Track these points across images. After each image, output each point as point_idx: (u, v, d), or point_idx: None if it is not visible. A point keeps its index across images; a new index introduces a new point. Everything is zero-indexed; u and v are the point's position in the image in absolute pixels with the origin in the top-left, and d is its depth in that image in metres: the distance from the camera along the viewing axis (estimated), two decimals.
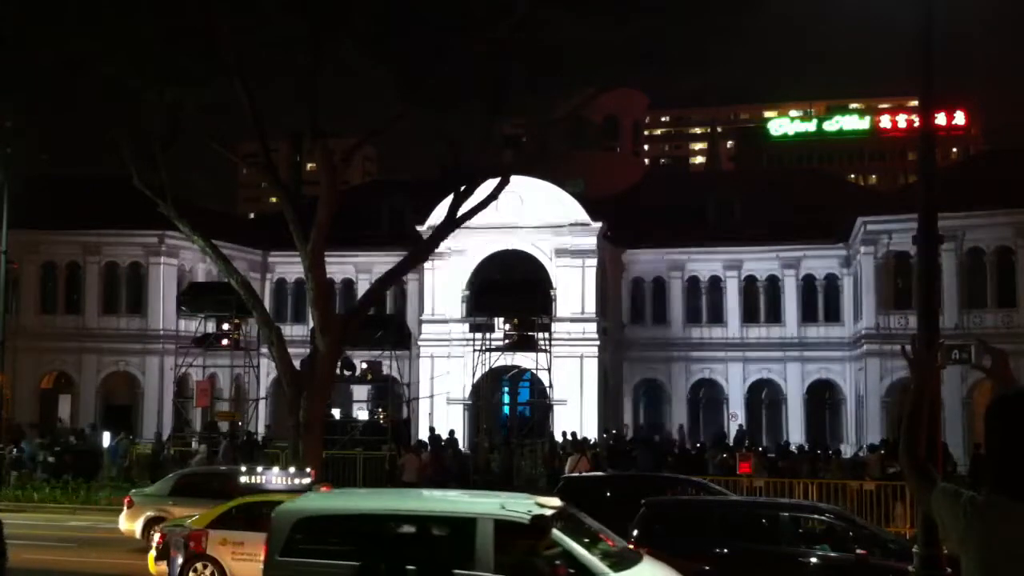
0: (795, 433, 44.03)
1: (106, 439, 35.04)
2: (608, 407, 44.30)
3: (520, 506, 11.21)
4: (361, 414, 42.47)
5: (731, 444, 37.22)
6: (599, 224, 43.67)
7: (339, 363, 29.05)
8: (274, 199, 73.50)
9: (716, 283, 47.03)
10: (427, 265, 42.27)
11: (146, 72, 24.05)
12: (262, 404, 44.39)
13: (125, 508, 21.02)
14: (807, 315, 46.05)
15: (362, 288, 43.67)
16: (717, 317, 47.21)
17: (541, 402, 42.72)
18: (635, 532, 14.31)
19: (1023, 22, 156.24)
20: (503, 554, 10.68)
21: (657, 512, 15.40)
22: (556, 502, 12.00)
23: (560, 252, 43.64)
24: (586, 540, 11.33)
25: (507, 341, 39.88)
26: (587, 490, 19.93)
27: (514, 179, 33.44)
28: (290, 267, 44.26)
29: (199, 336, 41.24)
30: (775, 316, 46.48)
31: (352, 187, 60.54)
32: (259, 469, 18.14)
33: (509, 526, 10.84)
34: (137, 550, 19.00)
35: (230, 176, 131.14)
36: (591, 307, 43.42)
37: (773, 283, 46.49)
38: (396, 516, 11.81)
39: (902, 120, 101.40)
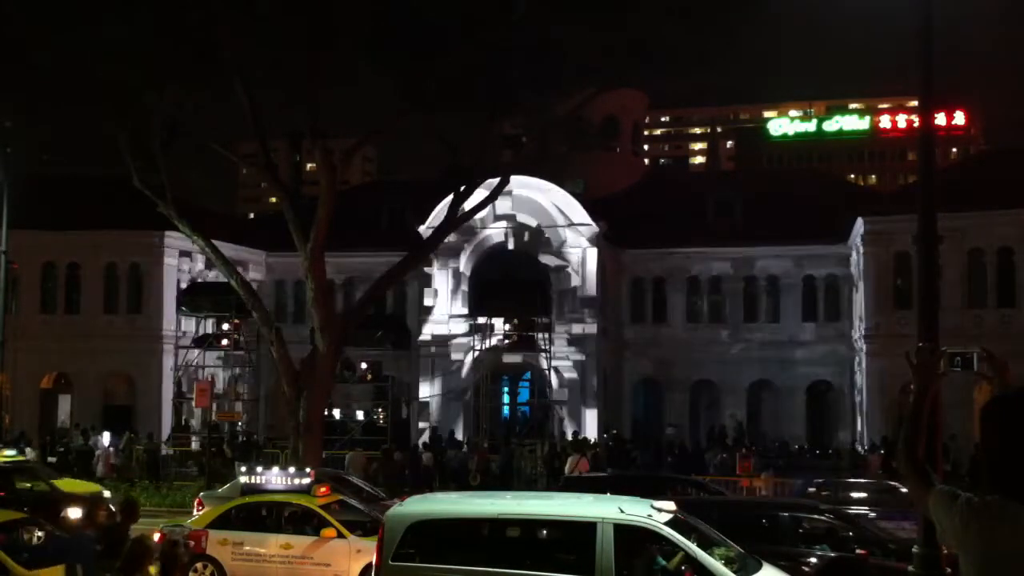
0: (795, 433, 44.00)
1: (106, 439, 35.04)
2: (608, 407, 44.27)
3: (638, 510, 11.06)
4: (360, 414, 42.52)
5: (731, 444, 37.24)
6: (599, 224, 43.64)
7: (339, 363, 29.06)
8: (274, 199, 73.54)
9: (716, 283, 46.98)
10: (427, 265, 42.28)
11: (146, 72, 24.07)
12: (262, 404, 44.40)
13: (195, 509, 20.83)
14: (807, 315, 46.02)
15: (362, 288, 43.70)
16: (717, 317, 47.18)
17: (541, 402, 42.70)
18: None
19: (1023, 22, 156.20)
20: (623, 558, 10.59)
21: None
22: (671, 505, 11.72)
23: (560, 252, 43.61)
24: (707, 545, 11.16)
25: (507, 341, 39.89)
26: (587, 490, 19.88)
27: (514, 179, 33.52)
28: (290, 267, 44.22)
29: (199, 336, 41.28)
30: (775, 316, 46.45)
31: (352, 187, 60.57)
32: (259, 469, 18.09)
33: (629, 530, 10.77)
34: None
35: (230, 176, 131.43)
36: (591, 307, 43.37)
37: (773, 283, 46.45)
38: (513, 520, 11.64)
39: (902, 120, 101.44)
